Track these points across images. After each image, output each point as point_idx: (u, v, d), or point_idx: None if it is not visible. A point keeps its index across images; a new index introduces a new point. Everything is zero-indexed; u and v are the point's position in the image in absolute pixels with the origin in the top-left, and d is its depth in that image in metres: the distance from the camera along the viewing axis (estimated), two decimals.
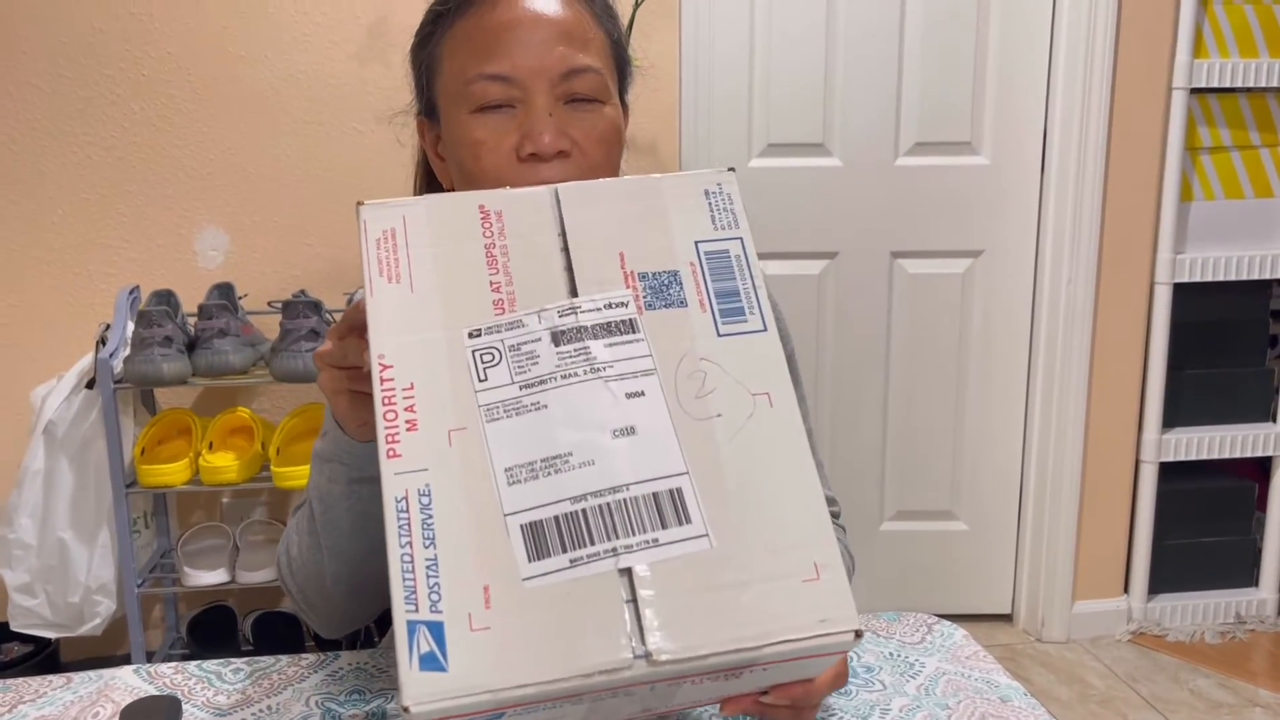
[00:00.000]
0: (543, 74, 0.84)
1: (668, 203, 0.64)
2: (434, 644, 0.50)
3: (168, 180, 2.15)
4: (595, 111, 0.86)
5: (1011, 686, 0.81)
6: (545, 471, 0.55)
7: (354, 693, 0.81)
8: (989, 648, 2.36)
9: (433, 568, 0.52)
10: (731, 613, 0.52)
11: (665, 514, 0.54)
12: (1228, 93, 2.29)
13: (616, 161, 0.90)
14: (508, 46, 0.84)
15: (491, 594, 0.52)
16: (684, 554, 0.53)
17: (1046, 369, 2.37)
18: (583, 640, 0.51)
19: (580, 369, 0.58)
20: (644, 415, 0.57)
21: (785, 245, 2.34)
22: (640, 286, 0.61)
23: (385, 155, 2.19)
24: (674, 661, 0.51)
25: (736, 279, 0.63)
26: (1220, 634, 2.42)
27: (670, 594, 0.52)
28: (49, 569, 1.95)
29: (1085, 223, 2.28)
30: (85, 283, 2.15)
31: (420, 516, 0.54)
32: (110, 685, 0.83)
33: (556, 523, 0.54)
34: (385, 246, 0.61)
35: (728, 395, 0.58)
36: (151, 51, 2.10)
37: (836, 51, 2.27)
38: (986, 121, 2.31)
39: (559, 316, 0.59)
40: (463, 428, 0.56)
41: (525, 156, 0.84)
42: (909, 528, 2.49)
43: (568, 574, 0.52)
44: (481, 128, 0.85)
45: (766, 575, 0.54)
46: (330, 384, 0.73)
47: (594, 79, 0.86)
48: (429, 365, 0.58)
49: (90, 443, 1.96)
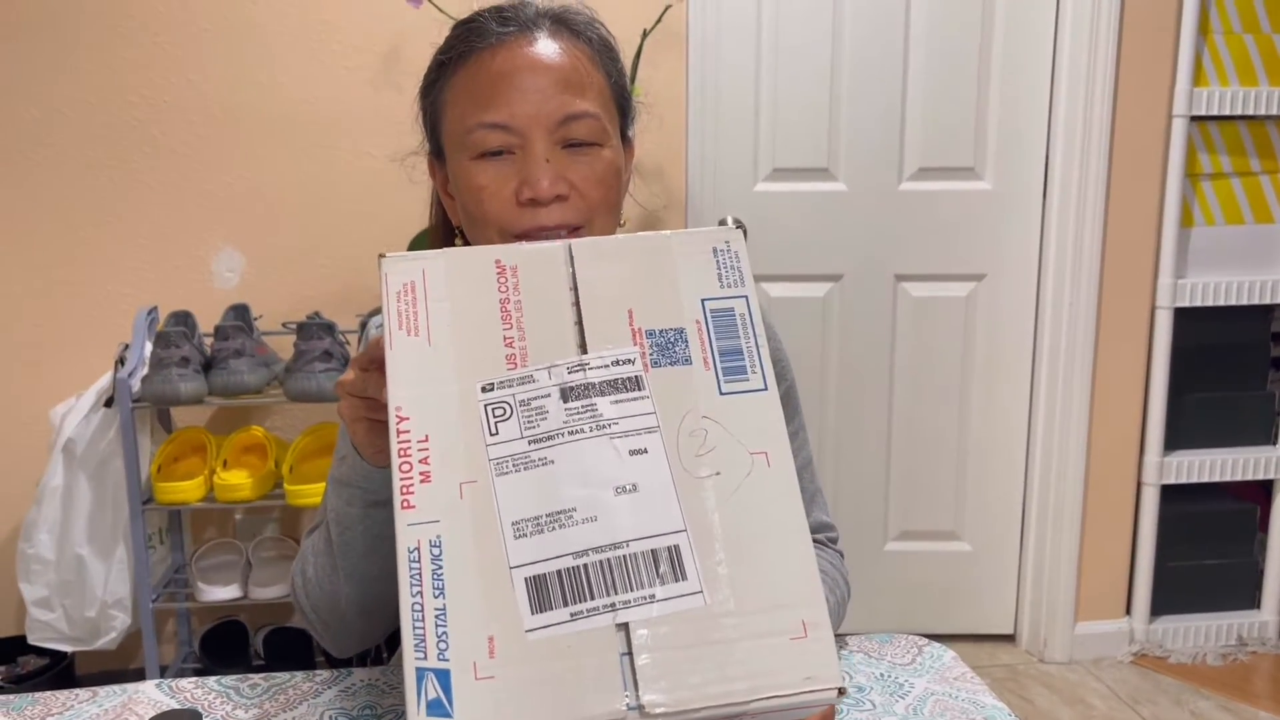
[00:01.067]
0: (540, 121, 0.87)
1: (677, 260, 0.67)
2: (440, 691, 0.54)
3: (186, 203, 2.20)
4: (593, 154, 0.89)
5: (997, 707, 0.84)
6: (550, 526, 0.58)
7: (366, 708, 0.85)
8: (991, 668, 2.39)
9: (441, 617, 0.56)
10: (722, 668, 0.55)
11: (663, 570, 0.58)
12: (1228, 120, 2.32)
13: (615, 201, 0.93)
14: (506, 95, 0.87)
15: (496, 644, 0.55)
16: (679, 610, 0.57)
17: (1049, 392, 2.39)
18: (581, 692, 0.54)
19: (587, 425, 0.61)
20: (646, 473, 0.60)
21: (790, 268, 2.37)
22: (647, 344, 0.64)
23: (398, 180, 2.22)
24: (666, 715, 0.54)
25: (740, 338, 0.65)
26: (1222, 656, 2.43)
27: (664, 649, 0.56)
28: (66, 584, 1.99)
29: (1087, 247, 2.31)
30: (105, 304, 2.20)
31: (431, 567, 0.57)
32: (134, 699, 0.86)
33: (559, 577, 0.57)
34: (405, 300, 0.64)
35: (727, 453, 0.61)
36: (173, 78, 2.15)
37: (841, 78, 2.31)
38: (989, 147, 2.35)
39: (568, 373, 0.62)
40: (473, 480, 0.60)
41: (524, 201, 0.87)
42: (912, 548, 2.51)
43: (568, 627, 0.56)
44: (483, 174, 0.89)
45: (757, 632, 0.57)
46: (350, 412, 0.77)
47: (591, 124, 0.89)
48: (443, 418, 0.61)
49: (108, 460, 2.00)
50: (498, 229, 0.90)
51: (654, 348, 0.63)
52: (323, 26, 2.17)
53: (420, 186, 2.26)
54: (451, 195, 0.96)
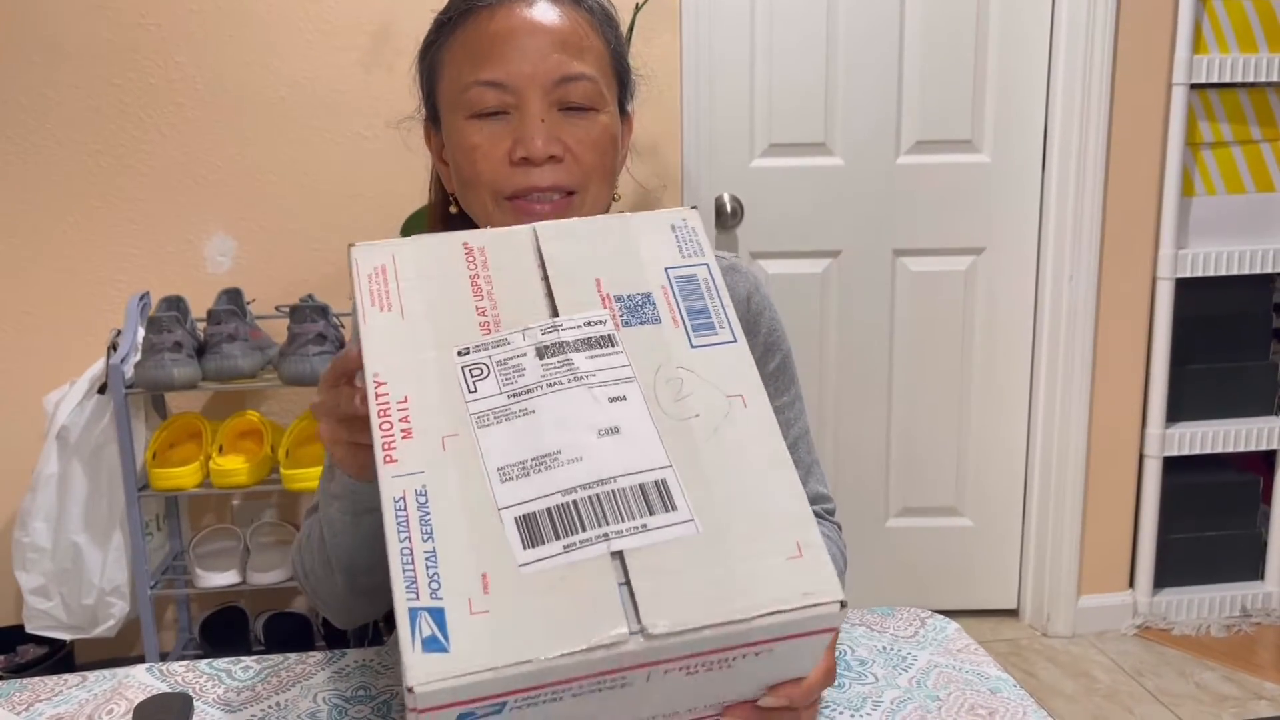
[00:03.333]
0: (536, 81, 0.86)
1: (638, 236, 0.69)
2: (435, 628, 0.52)
3: (176, 187, 2.17)
4: (589, 118, 0.88)
5: (1001, 678, 0.82)
6: (536, 469, 0.58)
7: (360, 689, 0.83)
8: (994, 643, 2.39)
9: (431, 559, 0.55)
10: (721, 589, 0.55)
11: (652, 502, 0.57)
12: (1228, 88, 2.30)
13: (610, 167, 0.92)
14: (503, 54, 0.87)
15: (490, 580, 0.54)
16: (672, 538, 0.56)
17: (1049, 365, 2.38)
18: (580, 619, 0.53)
19: (564, 378, 0.61)
20: (626, 416, 0.60)
21: (788, 245, 2.35)
22: (616, 307, 0.65)
23: (390, 160, 2.21)
24: (669, 634, 0.53)
25: (705, 298, 0.67)
26: (1226, 627, 2.43)
27: (661, 574, 0.55)
28: (63, 572, 1.98)
29: (1087, 219, 2.29)
30: (96, 290, 2.18)
31: (418, 514, 0.56)
32: (124, 683, 0.85)
33: (549, 514, 0.56)
34: (376, 280, 0.65)
35: (704, 398, 0.62)
36: (159, 60, 2.13)
37: (837, 51, 2.28)
38: (987, 119, 2.32)
39: (542, 334, 0.63)
40: (455, 434, 0.60)
41: (517, 160, 0.87)
42: (914, 524, 2.50)
43: (562, 559, 0.55)
44: (477, 133, 0.88)
45: (752, 554, 0.56)
46: (329, 435, 0.74)
47: (588, 86, 0.88)
48: (421, 381, 0.61)
49: (102, 447, 1.99)
50: (490, 190, 0.89)
51: (623, 310, 0.65)
52: (312, 6, 2.14)
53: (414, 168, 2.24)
54: (446, 162, 0.94)
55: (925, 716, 0.77)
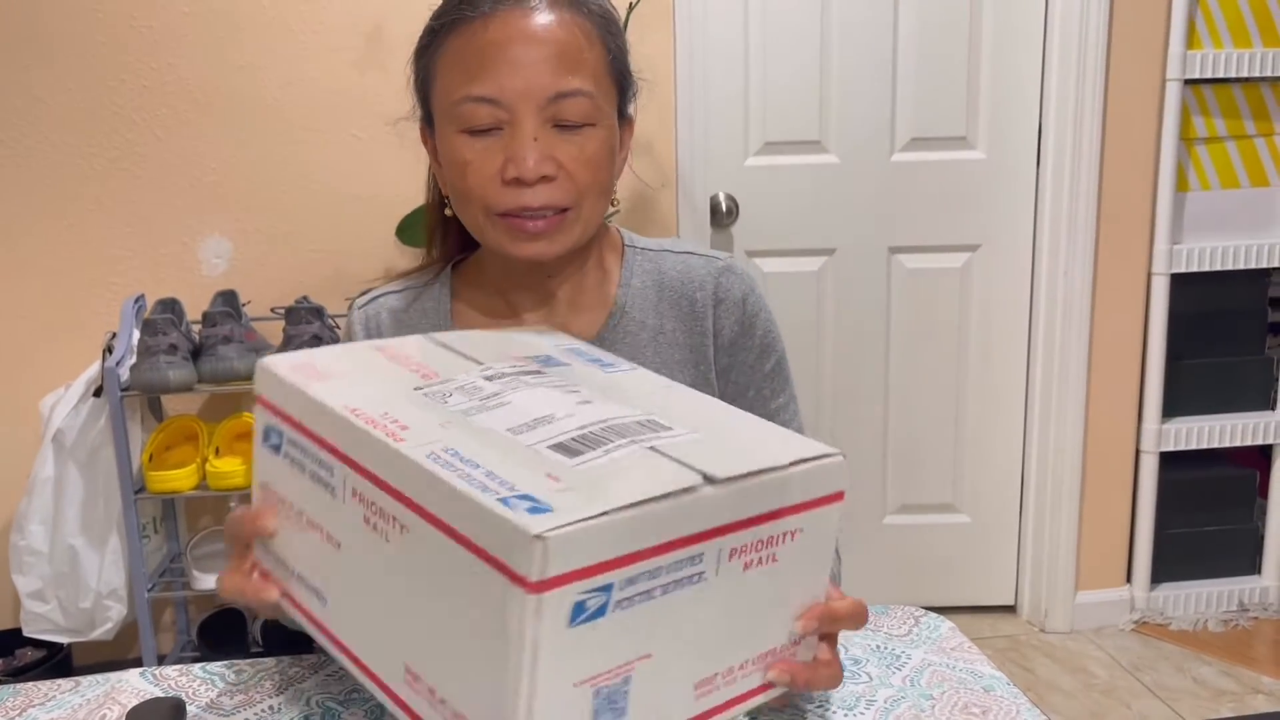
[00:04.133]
0: (529, 97, 0.84)
1: (520, 335, 0.83)
2: (530, 501, 0.53)
3: (170, 190, 2.17)
4: (584, 135, 0.87)
5: (995, 677, 0.83)
6: (541, 424, 0.62)
7: (353, 692, 0.83)
8: (992, 639, 2.39)
9: (492, 477, 0.55)
10: (751, 454, 0.61)
11: (653, 428, 0.63)
12: (1222, 83, 2.30)
13: (606, 183, 0.90)
14: (495, 68, 0.84)
15: (555, 476, 0.56)
16: (687, 441, 0.62)
17: (1045, 361, 2.38)
18: (653, 480, 0.56)
19: (522, 385, 0.69)
20: (590, 399, 0.67)
21: (783, 243, 2.35)
22: (528, 362, 0.75)
23: (386, 162, 2.21)
24: (731, 479, 0.57)
25: (597, 354, 0.79)
26: (1223, 622, 2.43)
27: (698, 452, 0.60)
28: (60, 575, 1.98)
29: (1081, 215, 2.29)
30: (91, 292, 2.18)
31: (455, 460, 0.57)
32: (117, 688, 0.85)
33: (576, 440, 0.60)
34: (302, 371, 0.70)
35: (641, 389, 0.71)
36: (152, 62, 2.12)
37: (831, 48, 2.28)
38: (981, 116, 2.32)
39: (482, 375, 0.71)
40: (449, 423, 0.62)
41: (509, 180, 0.85)
42: (911, 521, 2.50)
43: (607, 458, 0.58)
44: (469, 149, 0.86)
45: (755, 442, 0.64)
46: (238, 594, 0.75)
47: (583, 103, 0.86)
48: (395, 403, 0.65)
49: (99, 450, 1.98)
50: (481, 206, 0.88)
51: (535, 362, 0.75)
52: (305, 7, 2.14)
53: (409, 169, 2.25)
54: (442, 164, 0.94)
55: (919, 715, 0.77)
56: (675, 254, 1.02)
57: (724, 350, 0.99)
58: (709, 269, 1.00)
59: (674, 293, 0.99)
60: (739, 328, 0.99)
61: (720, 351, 0.99)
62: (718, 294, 0.99)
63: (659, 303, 0.99)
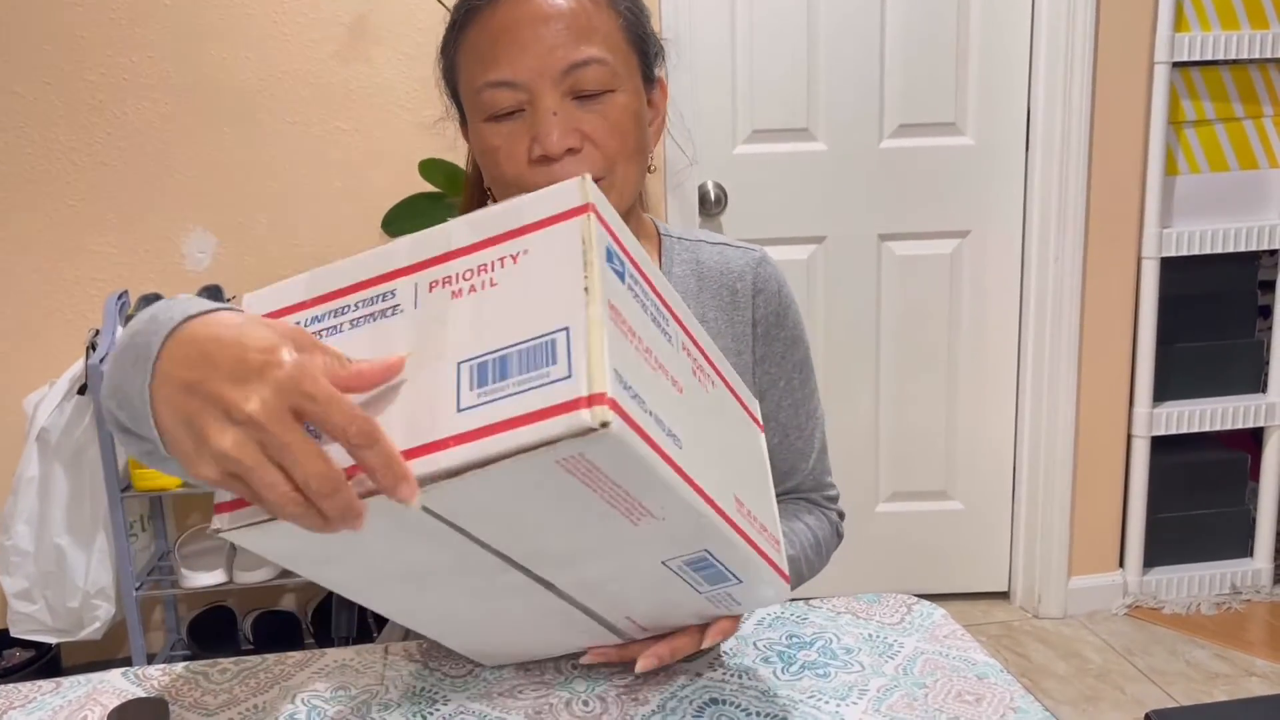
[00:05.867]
0: (544, 73, 0.85)
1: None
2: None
3: (153, 184, 2.15)
4: (605, 102, 0.87)
5: (989, 664, 0.82)
6: None
7: (340, 689, 0.82)
8: (986, 625, 2.39)
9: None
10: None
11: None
12: (1210, 65, 2.29)
13: (636, 145, 0.90)
14: (507, 51, 0.85)
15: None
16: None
17: (1036, 347, 2.37)
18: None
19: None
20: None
21: (773, 231, 2.34)
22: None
23: (370, 154, 2.19)
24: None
25: None
26: (1216, 605, 2.43)
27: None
28: (47, 575, 1.96)
29: (1071, 199, 2.28)
30: (74, 289, 2.15)
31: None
32: (99, 689, 0.83)
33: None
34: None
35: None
36: (132, 55, 2.10)
37: (818, 35, 2.27)
38: (970, 101, 2.31)
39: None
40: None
41: (536, 159, 0.86)
42: (904, 509, 2.50)
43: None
44: (496, 135, 0.88)
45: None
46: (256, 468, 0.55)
47: (598, 70, 0.86)
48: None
49: (84, 448, 1.97)
50: (518, 189, 0.88)
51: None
52: None
53: (394, 162, 2.23)
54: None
55: (912, 704, 0.76)
56: (711, 245, 1.04)
57: (760, 340, 1.03)
58: (746, 260, 1.03)
59: (714, 283, 1.02)
60: (774, 318, 1.03)
61: (758, 341, 1.03)
62: (756, 284, 1.02)
63: (700, 293, 1.01)
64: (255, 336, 0.55)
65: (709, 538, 0.63)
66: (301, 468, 0.53)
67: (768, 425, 1.06)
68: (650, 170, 0.96)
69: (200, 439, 0.55)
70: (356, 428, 0.53)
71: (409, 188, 2.12)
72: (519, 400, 0.54)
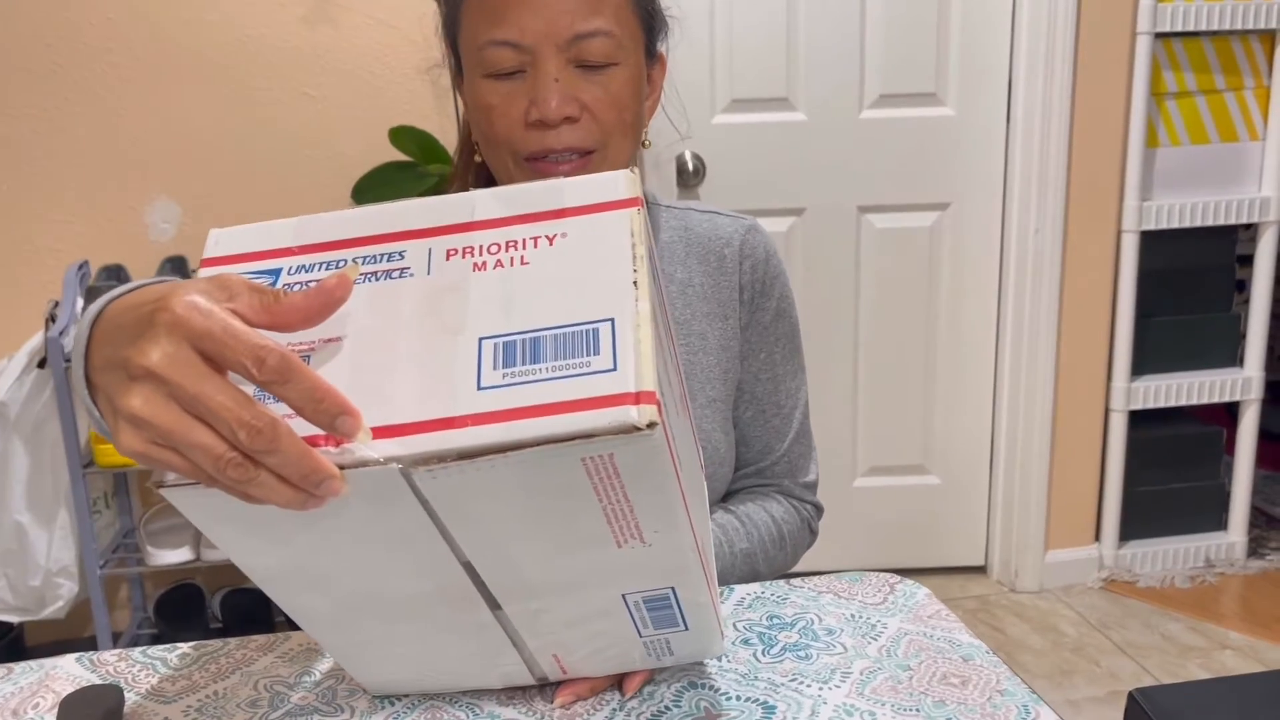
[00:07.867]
0: (550, 39, 0.85)
1: None
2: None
3: (114, 151, 2.08)
4: (607, 74, 0.87)
5: (973, 645, 0.80)
6: None
7: (303, 674, 0.79)
8: (963, 600, 2.39)
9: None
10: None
11: None
12: (1192, 36, 2.27)
13: (632, 120, 0.90)
14: (516, 11, 0.85)
15: None
16: None
17: (1015, 320, 2.36)
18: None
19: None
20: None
21: (751, 202, 2.30)
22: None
23: (339, 120, 2.13)
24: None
25: None
26: (1190, 578, 2.44)
27: None
28: (7, 553, 1.92)
29: (1051, 172, 2.26)
30: (32, 260, 2.09)
31: None
32: (51, 675, 0.80)
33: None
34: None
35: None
36: (91, 17, 2.03)
37: (798, 3, 2.23)
38: (951, 72, 2.28)
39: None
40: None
41: (532, 122, 0.86)
42: (882, 483, 2.49)
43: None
44: (493, 93, 0.87)
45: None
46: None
47: (604, 42, 0.86)
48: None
49: (44, 423, 1.92)
50: (508, 150, 0.88)
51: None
52: None
53: (363, 128, 2.17)
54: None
55: (897, 687, 0.74)
56: (700, 212, 1.05)
57: (746, 306, 1.03)
58: (735, 226, 1.03)
59: (702, 248, 1.02)
60: (760, 286, 1.03)
61: (744, 307, 1.03)
62: (743, 250, 1.02)
63: (687, 257, 1.02)
64: (155, 291, 0.50)
65: (682, 576, 0.60)
66: (221, 417, 0.45)
67: (743, 397, 1.04)
68: (645, 146, 0.96)
69: (113, 410, 0.49)
70: (269, 360, 0.46)
71: (380, 156, 2.07)
72: (552, 387, 0.50)
